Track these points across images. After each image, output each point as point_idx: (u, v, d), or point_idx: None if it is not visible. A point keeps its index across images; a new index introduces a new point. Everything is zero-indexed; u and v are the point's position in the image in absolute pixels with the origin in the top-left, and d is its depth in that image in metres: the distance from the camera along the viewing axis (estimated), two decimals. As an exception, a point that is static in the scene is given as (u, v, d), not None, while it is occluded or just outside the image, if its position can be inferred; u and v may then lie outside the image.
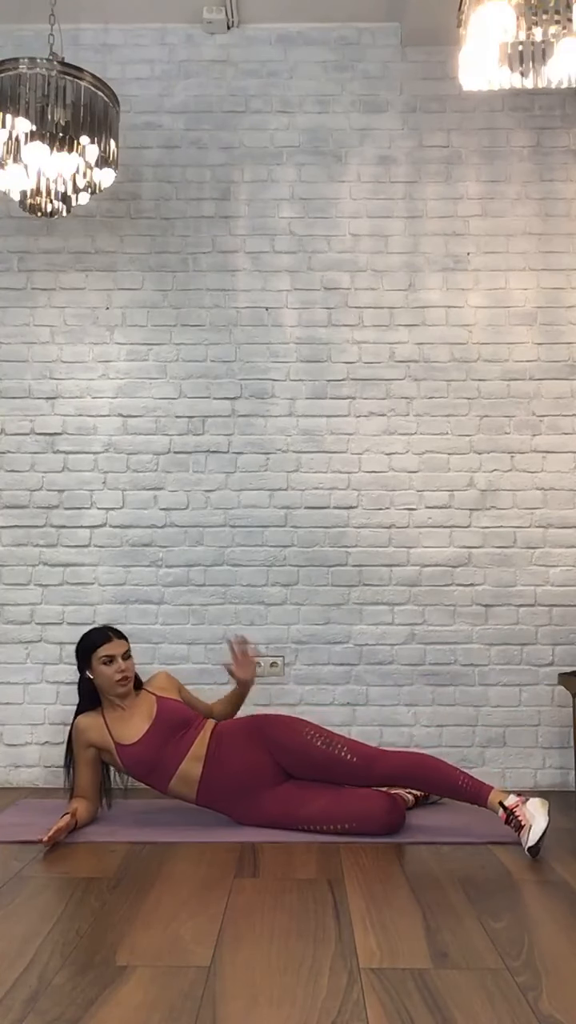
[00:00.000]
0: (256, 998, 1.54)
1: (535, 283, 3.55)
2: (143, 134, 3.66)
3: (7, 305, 3.57)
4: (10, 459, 3.50)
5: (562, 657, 3.36)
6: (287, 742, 2.70)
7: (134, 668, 2.84)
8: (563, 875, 2.25)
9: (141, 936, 1.83)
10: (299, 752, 2.68)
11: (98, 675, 2.79)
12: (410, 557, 3.43)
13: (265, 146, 3.66)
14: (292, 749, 2.69)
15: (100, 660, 2.78)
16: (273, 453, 3.49)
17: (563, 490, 3.45)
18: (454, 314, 3.55)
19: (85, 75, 2.78)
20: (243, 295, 3.57)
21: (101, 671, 2.77)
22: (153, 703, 2.79)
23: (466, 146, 3.64)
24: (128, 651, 2.83)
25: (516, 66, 2.15)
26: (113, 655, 2.78)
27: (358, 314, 3.56)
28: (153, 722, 2.74)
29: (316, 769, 2.68)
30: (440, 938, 1.81)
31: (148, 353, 3.55)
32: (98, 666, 2.78)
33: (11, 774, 3.35)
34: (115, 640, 2.82)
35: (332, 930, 1.86)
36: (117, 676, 2.76)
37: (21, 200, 2.99)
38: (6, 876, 2.24)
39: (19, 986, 1.59)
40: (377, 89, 3.68)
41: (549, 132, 3.64)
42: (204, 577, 3.44)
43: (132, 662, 2.83)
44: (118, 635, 2.86)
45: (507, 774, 3.31)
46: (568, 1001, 1.52)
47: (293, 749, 2.69)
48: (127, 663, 2.80)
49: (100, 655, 2.78)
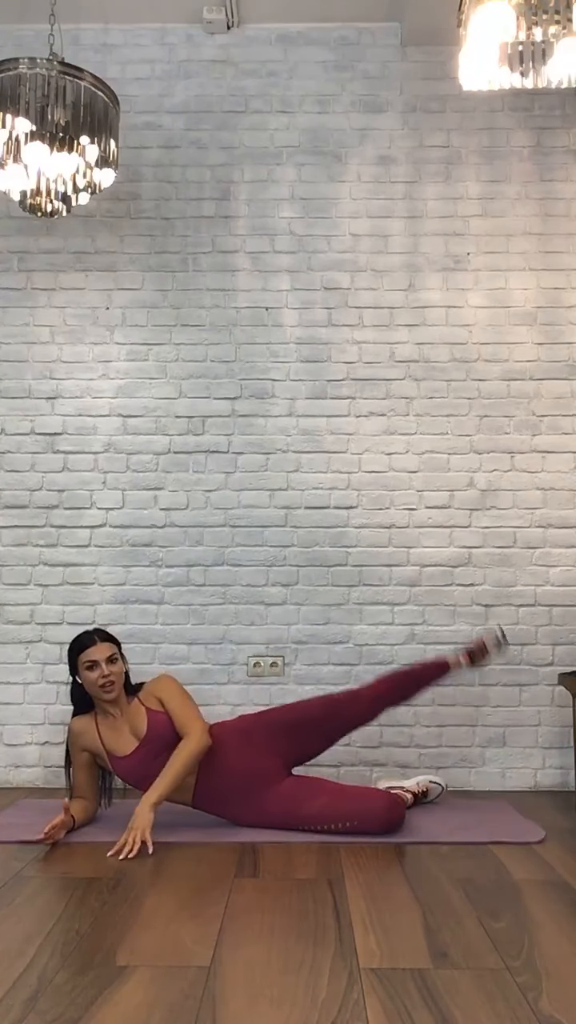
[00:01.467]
0: (256, 998, 1.54)
1: (535, 283, 3.55)
2: (143, 134, 3.66)
3: (7, 305, 3.57)
4: (10, 459, 3.50)
5: (562, 657, 3.37)
6: (287, 716, 2.81)
7: (122, 673, 2.75)
8: (563, 875, 2.25)
9: (141, 936, 1.83)
10: (299, 717, 2.81)
11: (84, 680, 2.73)
12: (410, 557, 3.43)
13: (265, 146, 3.66)
14: (293, 719, 2.79)
15: (84, 665, 2.71)
16: (273, 453, 3.49)
17: (563, 490, 3.45)
18: (454, 314, 3.55)
19: (85, 75, 2.78)
20: (243, 295, 3.57)
21: (85, 676, 2.71)
22: (143, 718, 2.71)
23: (466, 146, 3.64)
24: (115, 655, 2.73)
25: (516, 66, 2.15)
26: (96, 660, 2.69)
27: (358, 314, 3.56)
28: (143, 740, 2.68)
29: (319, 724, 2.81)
30: (440, 938, 1.81)
31: (148, 353, 3.55)
32: (83, 671, 2.71)
33: (11, 774, 3.35)
34: (99, 644, 2.72)
35: (332, 930, 1.86)
36: (100, 682, 2.68)
37: (21, 200, 2.99)
38: (6, 876, 2.24)
39: (19, 986, 1.59)
40: (377, 89, 3.68)
41: (549, 132, 3.64)
42: (204, 577, 3.44)
43: (120, 666, 2.74)
44: (105, 638, 2.76)
45: (507, 774, 3.31)
46: (568, 1001, 1.52)
47: (294, 718, 2.80)
48: (112, 668, 2.70)
49: (84, 660, 2.71)
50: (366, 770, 3.31)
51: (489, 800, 3.12)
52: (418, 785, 3.00)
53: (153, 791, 2.55)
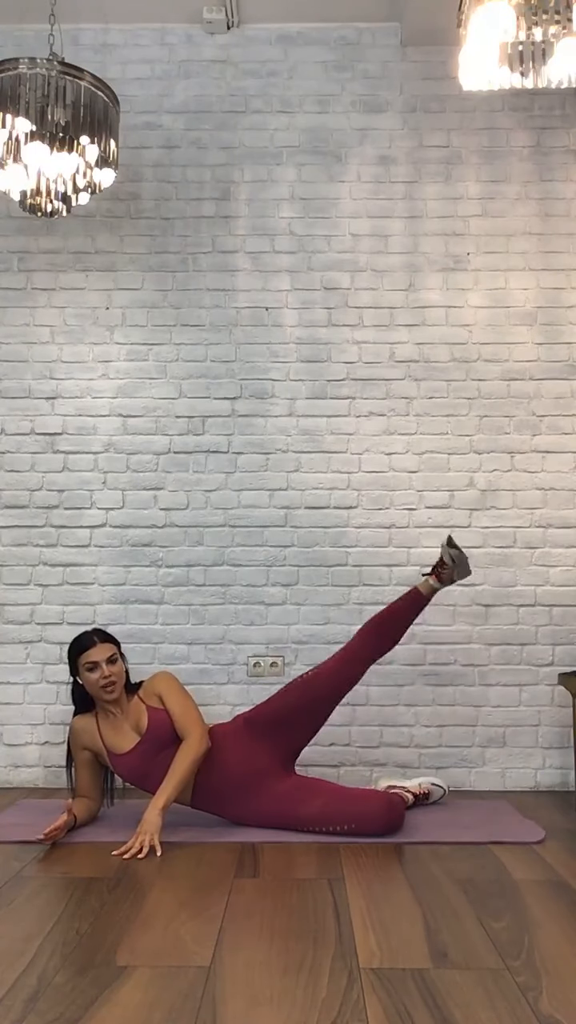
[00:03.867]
0: (256, 998, 1.54)
1: (535, 283, 3.55)
2: (143, 134, 3.66)
3: (7, 305, 3.57)
4: (10, 459, 3.50)
5: (562, 657, 3.36)
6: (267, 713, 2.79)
7: (122, 672, 2.76)
8: (563, 875, 2.25)
9: (141, 936, 1.83)
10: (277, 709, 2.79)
11: (84, 681, 2.74)
12: (410, 557, 3.43)
13: (265, 146, 3.66)
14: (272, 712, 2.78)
15: (84, 666, 2.72)
16: (273, 453, 3.49)
17: (563, 490, 3.45)
18: (454, 314, 3.55)
19: (85, 75, 2.78)
20: (243, 295, 3.57)
21: (86, 678, 2.72)
22: (144, 715, 2.72)
23: (466, 146, 3.64)
24: (115, 655, 2.74)
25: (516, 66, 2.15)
26: (96, 661, 2.70)
27: (358, 314, 3.56)
28: (143, 737, 2.69)
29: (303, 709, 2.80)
30: (440, 938, 1.81)
31: (148, 353, 3.55)
32: (83, 672, 2.73)
33: (11, 774, 3.35)
34: (99, 645, 2.73)
35: (332, 930, 1.86)
36: (102, 682, 2.69)
37: (21, 200, 2.99)
38: (6, 876, 2.24)
39: (19, 986, 1.59)
40: (377, 89, 3.68)
41: (549, 132, 3.64)
42: (204, 577, 3.44)
43: (120, 667, 2.75)
44: (104, 639, 2.77)
45: (507, 774, 3.31)
46: (568, 1001, 1.52)
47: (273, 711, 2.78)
48: (112, 668, 2.71)
49: (84, 661, 2.72)
50: (366, 770, 3.30)
51: (489, 800, 3.12)
52: (420, 786, 3.00)
53: (160, 796, 2.55)
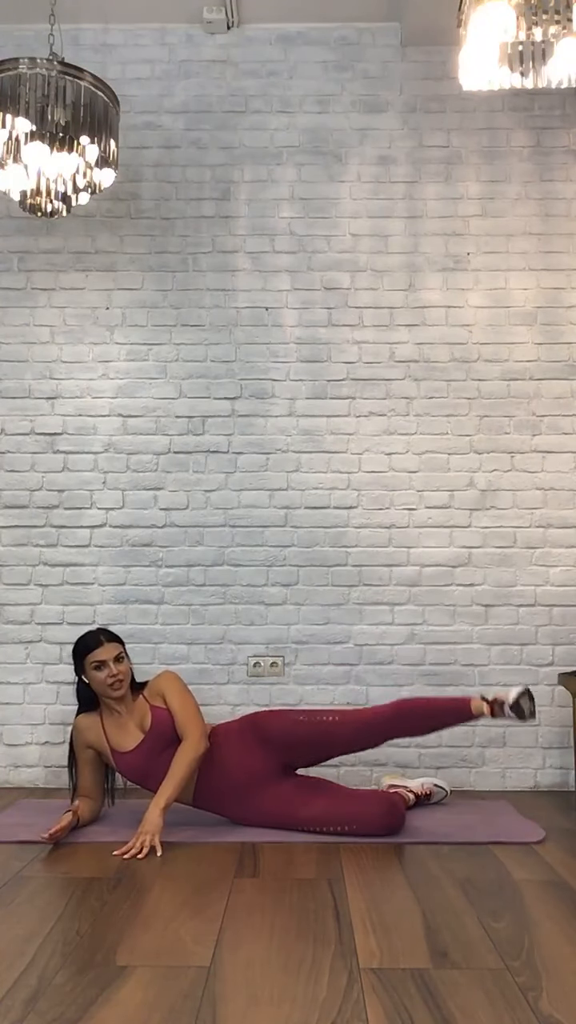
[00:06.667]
0: (256, 998, 1.54)
1: (535, 283, 3.55)
2: (143, 134, 3.66)
3: (7, 305, 3.57)
4: (10, 459, 3.50)
5: (562, 657, 3.36)
6: (274, 730, 2.72)
7: (129, 671, 2.78)
8: (563, 875, 2.25)
9: (141, 936, 1.83)
10: (287, 734, 2.71)
11: (91, 680, 2.75)
12: (410, 557, 3.43)
13: (265, 146, 3.66)
14: (281, 735, 2.71)
15: (91, 666, 2.73)
16: (273, 453, 3.49)
17: (563, 490, 3.45)
18: (454, 314, 3.55)
19: (85, 75, 2.78)
20: (243, 295, 3.57)
21: (93, 676, 2.74)
22: (148, 713, 2.74)
23: (466, 146, 3.64)
24: (121, 654, 2.76)
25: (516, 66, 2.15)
26: (104, 660, 2.72)
27: (358, 314, 3.56)
28: (147, 734, 2.71)
29: (310, 747, 2.73)
30: (440, 938, 1.81)
31: (148, 353, 3.55)
32: (90, 671, 2.74)
33: (11, 774, 3.35)
34: (106, 644, 2.75)
35: (332, 930, 1.86)
36: (109, 681, 2.71)
37: (21, 200, 2.99)
38: (6, 876, 2.24)
39: (19, 986, 1.59)
40: (377, 89, 3.68)
41: (549, 132, 3.64)
42: (204, 577, 3.44)
43: (126, 665, 2.77)
44: (110, 638, 2.78)
45: (507, 774, 3.31)
46: (568, 1001, 1.52)
47: (282, 734, 2.71)
48: (119, 667, 2.73)
49: (91, 661, 2.73)
50: (366, 770, 3.30)
51: (489, 800, 3.12)
52: (422, 787, 3.01)
53: (160, 796, 2.56)
